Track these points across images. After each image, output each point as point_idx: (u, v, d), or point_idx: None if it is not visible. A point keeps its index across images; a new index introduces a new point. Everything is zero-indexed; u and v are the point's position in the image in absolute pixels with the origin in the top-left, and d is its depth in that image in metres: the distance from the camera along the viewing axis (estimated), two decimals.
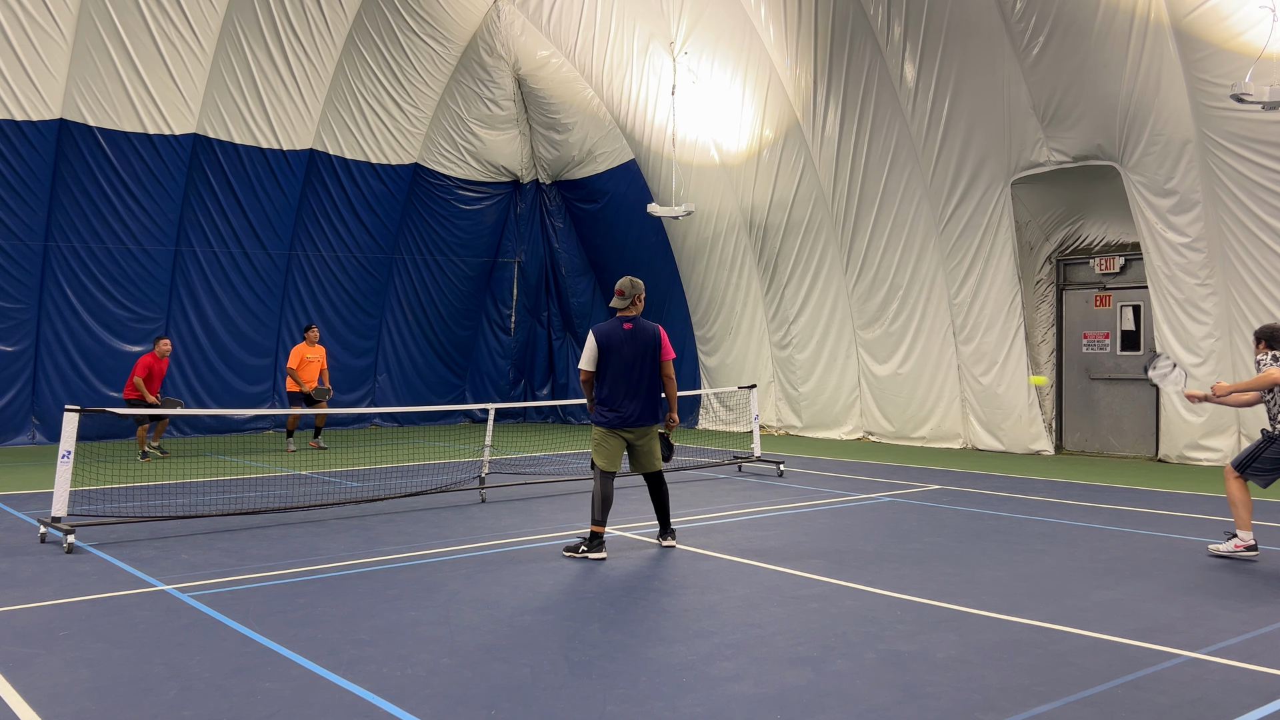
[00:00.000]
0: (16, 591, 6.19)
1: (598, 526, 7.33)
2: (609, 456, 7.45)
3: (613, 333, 7.46)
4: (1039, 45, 12.93)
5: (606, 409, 7.46)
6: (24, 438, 15.31)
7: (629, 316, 7.53)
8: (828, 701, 4.29)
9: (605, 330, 7.48)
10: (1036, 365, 14.70)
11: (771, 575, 6.70)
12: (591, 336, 7.50)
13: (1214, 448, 12.65)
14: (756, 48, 15.93)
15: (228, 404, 17.06)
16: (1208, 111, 11.89)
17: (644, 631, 5.35)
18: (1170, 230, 12.64)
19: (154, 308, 16.46)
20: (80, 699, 4.29)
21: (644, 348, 7.48)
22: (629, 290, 7.51)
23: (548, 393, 20.95)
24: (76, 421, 7.66)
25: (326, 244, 18.16)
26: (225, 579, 6.56)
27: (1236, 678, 4.61)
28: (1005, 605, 5.90)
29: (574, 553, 7.36)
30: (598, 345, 7.45)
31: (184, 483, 11.33)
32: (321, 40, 16.83)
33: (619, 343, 7.43)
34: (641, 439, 7.54)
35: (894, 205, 15.27)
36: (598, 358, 7.47)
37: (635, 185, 18.66)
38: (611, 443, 7.47)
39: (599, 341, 7.45)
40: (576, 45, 18.01)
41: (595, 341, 7.46)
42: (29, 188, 15.02)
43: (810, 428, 17.16)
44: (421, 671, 4.66)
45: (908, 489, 10.90)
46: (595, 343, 7.46)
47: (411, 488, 10.36)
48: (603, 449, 7.46)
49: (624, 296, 7.52)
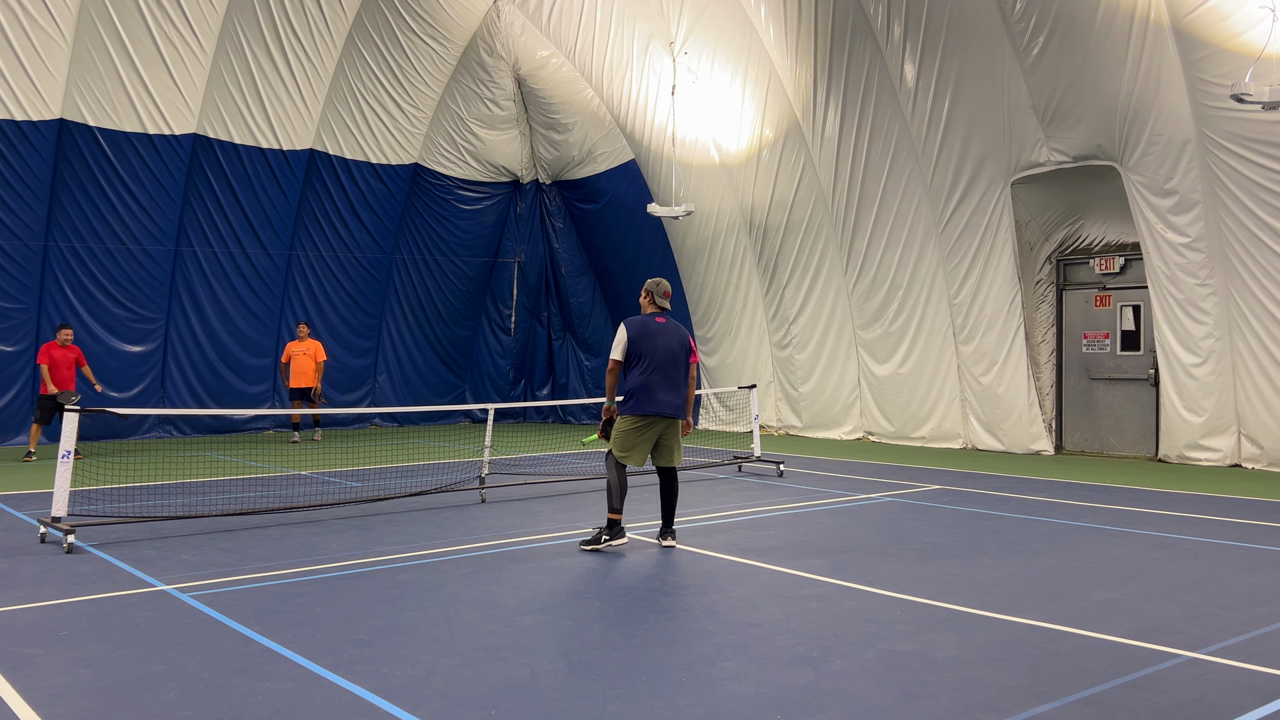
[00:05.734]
0: (16, 591, 6.19)
1: (616, 514, 7.50)
2: (637, 449, 7.55)
3: (647, 324, 7.61)
4: (1039, 45, 12.94)
5: (641, 398, 7.51)
6: (23, 438, 15.29)
7: (661, 311, 7.76)
8: (828, 701, 4.29)
9: (639, 322, 7.61)
10: (1037, 365, 14.70)
11: (771, 575, 6.70)
12: (624, 328, 7.58)
13: (1214, 448, 12.65)
14: (756, 48, 15.93)
15: (228, 404, 17.07)
16: (1208, 111, 11.89)
17: (644, 631, 5.35)
18: (1170, 230, 12.64)
19: (154, 308, 16.46)
20: (80, 699, 4.29)
21: (679, 343, 7.66)
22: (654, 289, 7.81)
23: (548, 393, 20.95)
24: (76, 421, 7.66)
25: (326, 244, 18.16)
26: (225, 579, 6.56)
27: (1236, 678, 4.61)
28: (1005, 605, 5.90)
29: (595, 545, 7.47)
30: (630, 337, 7.54)
31: (184, 483, 11.33)
32: (321, 40, 16.83)
33: (654, 333, 7.58)
34: (668, 431, 7.65)
35: (894, 205, 15.27)
36: (628, 349, 7.55)
37: (635, 185, 18.66)
38: (642, 435, 7.54)
39: (631, 333, 7.55)
40: (576, 45, 18.01)
41: (627, 333, 7.56)
42: (29, 188, 15.02)
43: (810, 428, 17.16)
44: (421, 671, 4.66)
45: (908, 489, 10.90)
46: (627, 334, 7.55)
47: (411, 488, 10.36)
48: (629, 440, 7.53)
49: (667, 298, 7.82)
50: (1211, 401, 12.59)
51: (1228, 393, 12.50)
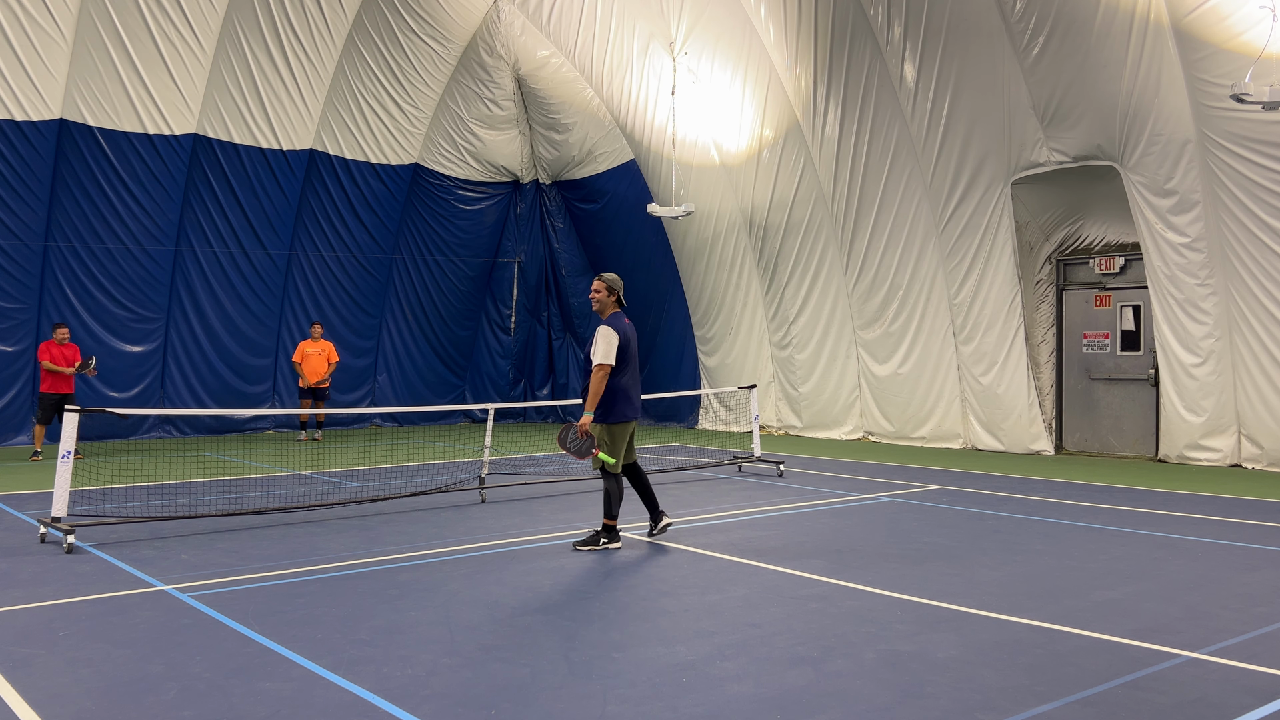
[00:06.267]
0: (16, 591, 6.19)
1: (614, 520, 7.63)
2: (625, 453, 7.73)
3: (626, 327, 7.70)
4: (1039, 45, 12.94)
5: (624, 403, 7.62)
6: (24, 438, 15.30)
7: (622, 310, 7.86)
8: (828, 701, 4.29)
9: (620, 326, 7.66)
10: (1037, 365, 14.71)
11: (771, 575, 6.70)
12: (612, 332, 7.58)
13: (1214, 448, 12.65)
14: (756, 48, 15.93)
15: (228, 404, 17.07)
16: (1208, 111, 11.89)
17: (644, 631, 5.35)
18: (1170, 230, 12.64)
19: (154, 308, 16.46)
20: (80, 699, 4.29)
21: (636, 343, 7.87)
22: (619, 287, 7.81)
23: (548, 393, 20.95)
24: (76, 421, 7.66)
25: (326, 244, 18.16)
26: (225, 579, 6.56)
27: (1236, 678, 4.61)
28: (1005, 605, 5.90)
29: (592, 546, 7.53)
30: (620, 343, 7.59)
31: (184, 483, 11.33)
32: (321, 40, 16.83)
33: (630, 336, 7.71)
34: (635, 430, 7.87)
35: (894, 205, 15.27)
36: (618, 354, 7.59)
37: (635, 185, 18.66)
38: (625, 438, 7.70)
39: (620, 339, 7.59)
40: (576, 45, 18.01)
41: (618, 337, 7.58)
42: (29, 188, 15.02)
43: (810, 428, 17.16)
44: (421, 671, 4.66)
45: (908, 489, 10.90)
46: (618, 338, 7.58)
47: (411, 488, 10.36)
48: (620, 446, 7.66)
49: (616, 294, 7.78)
50: (1211, 401, 12.59)
51: (1228, 393, 12.50)
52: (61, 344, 13.70)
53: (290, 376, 17.72)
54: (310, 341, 16.62)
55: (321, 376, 16.47)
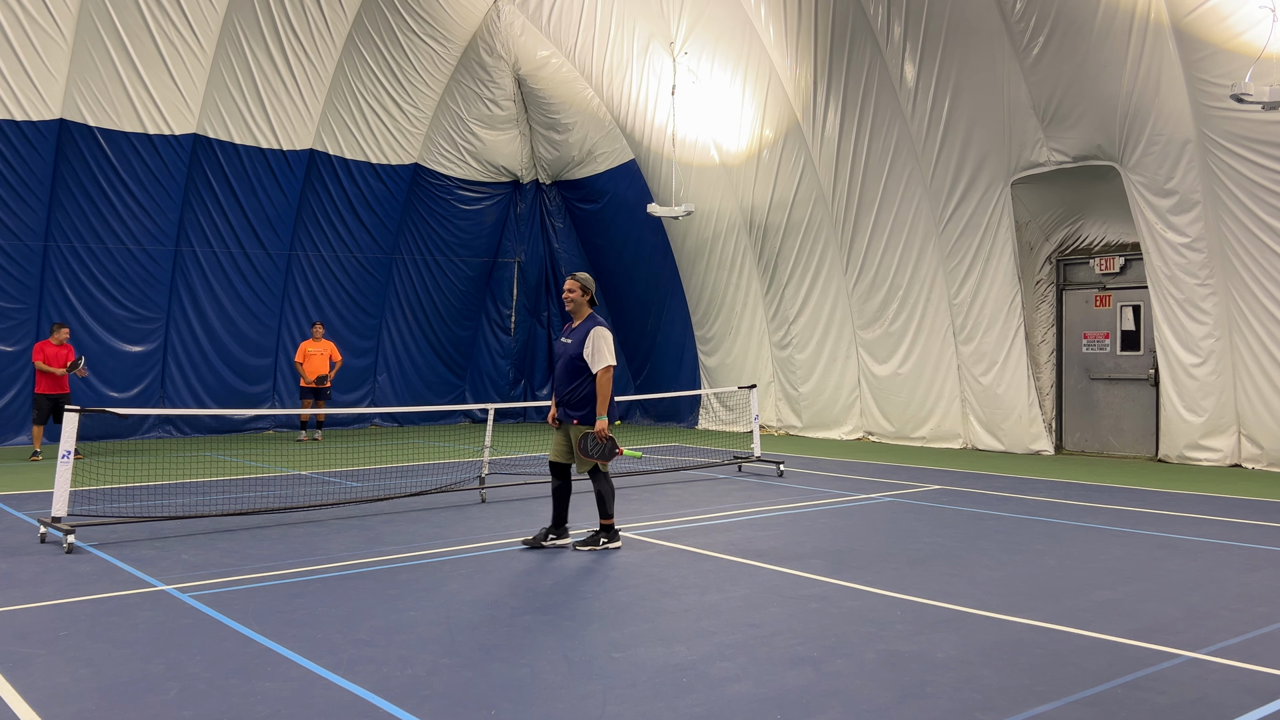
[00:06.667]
0: (16, 591, 6.19)
1: (611, 519, 7.64)
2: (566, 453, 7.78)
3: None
4: (1039, 45, 12.93)
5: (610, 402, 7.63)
6: (24, 438, 15.30)
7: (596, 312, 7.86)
8: (828, 701, 4.29)
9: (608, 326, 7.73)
10: (1037, 365, 14.71)
11: (771, 575, 6.70)
12: (608, 333, 7.62)
13: (1214, 448, 12.65)
14: (756, 48, 15.93)
15: (228, 404, 17.07)
16: (1208, 111, 11.89)
17: (644, 631, 5.35)
18: (1170, 230, 12.64)
19: (154, 308, 16.46)
20: (80, 699, 4.29)
21: None
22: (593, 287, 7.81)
23: (548, 393, 20.94)
24: (76, 421, 7.66)
25: (326, 244, 18.16)
26: (225, 579, 6.56)
27: (1236, 678, 4.61)
28: (1005, 605, 5.90)
29: (592, 546, 7.54)
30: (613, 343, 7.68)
31: (184, 483, 11.33)
32: (321, 40, 16.83)
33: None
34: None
35: (894, 205, 15.26)
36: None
37: (635, 185, 18.66)
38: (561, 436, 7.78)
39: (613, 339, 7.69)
40: (576, 45, 18.01)
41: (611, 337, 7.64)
42: (29, 188, 15.02)
43: (810, 428, 17.16)
44: (421, 671, 4.66)
45: (908, 489, 10.90)
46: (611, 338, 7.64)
47: (411, 488, 10.36)
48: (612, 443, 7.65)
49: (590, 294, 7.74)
50: (1211, 401, 12.59)
51: (1228, 393, 12.50)
52: (60, 345, 13.71)
53: (290, 376, 17.73)
54: (312, 341, 16.64)
55: (323, 373, 16.50)
